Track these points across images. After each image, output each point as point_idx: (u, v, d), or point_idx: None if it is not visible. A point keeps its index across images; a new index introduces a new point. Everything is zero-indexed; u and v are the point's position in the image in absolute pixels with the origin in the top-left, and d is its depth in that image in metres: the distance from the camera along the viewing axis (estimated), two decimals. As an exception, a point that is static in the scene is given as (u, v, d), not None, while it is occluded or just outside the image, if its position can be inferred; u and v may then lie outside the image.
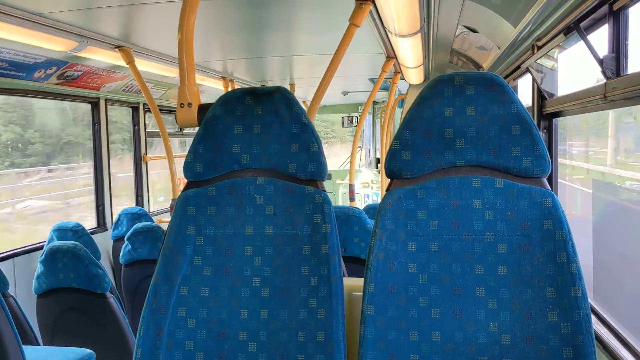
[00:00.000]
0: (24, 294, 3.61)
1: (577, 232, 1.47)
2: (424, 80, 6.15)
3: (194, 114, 1.86)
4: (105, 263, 4.74)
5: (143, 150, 5.51)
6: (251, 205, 1.63)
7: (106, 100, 4.78)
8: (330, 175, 9.32)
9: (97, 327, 3.00)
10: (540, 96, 3.00)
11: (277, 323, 1.54)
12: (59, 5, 2.78)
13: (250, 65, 5.30)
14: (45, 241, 4.00)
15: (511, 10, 2.76)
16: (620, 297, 2.48)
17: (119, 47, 3.75)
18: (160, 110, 4.42)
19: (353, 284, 1.87)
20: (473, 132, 1.50)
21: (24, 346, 2.25)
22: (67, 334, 3.06)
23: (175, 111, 1.90)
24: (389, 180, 1.58)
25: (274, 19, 3.40)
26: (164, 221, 5.55)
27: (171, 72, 4.73)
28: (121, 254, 3.90)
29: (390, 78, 5.77)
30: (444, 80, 1.53)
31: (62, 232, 3.92)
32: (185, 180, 1.70)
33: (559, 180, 3.15)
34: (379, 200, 2.15)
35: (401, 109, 8.26)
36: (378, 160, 9.25)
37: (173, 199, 4.65)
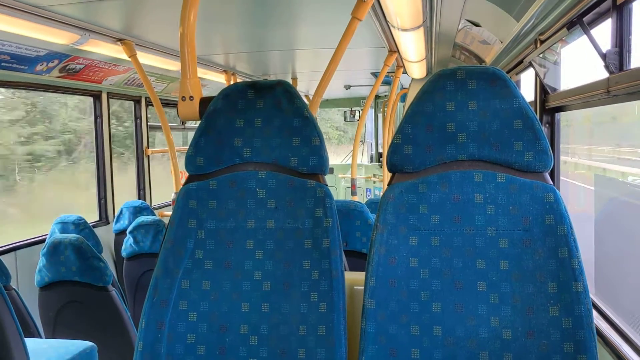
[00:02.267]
0: (26, 287, 3.62)
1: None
2: (427, 75, 6.14)
3: (196, 107, 1.85)
4: (107, 256, 4.76)
5: (145, 144, 5.52)
6: (252, 198, 1.63)
7: (108, 94, 4.78)
8: (332, 169, 9.32)
9: (99, 320, 3.01)
10: (543, 91, 2.99)
11: (278, 317, 1.54)
12: (60, -3, 2.78)
13: (252, 58, 5.29)
14: (47, 234, 4.01)
15: (514, 4, 2.74)
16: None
17: (121, 40, 3.75)
18: (162, 103, 4.42)
19: (354, 278, 1.87)
20: (475, 126, 1.49)
21: (26, 339, 2.26)
22: (69, 327, 3.07)
23: (177, 104, 1.89)
24: (390, 174, 1.57)
25: (276, 12, 3.39)
26: (166, 215, 5.56)
27: (173, 66, 4.73)
28: (123, 247, 3.90)
29: (393, 72, 5.75)
30: (446, 74, 1.52)
31: (64, 225, 3.93)
32: (187, 174, 1.70)
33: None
34: (381, 195, 2.15)
35: (403, 103, 8.24)
36: (380, 155, 9.25)
37: (175, 193, 4.67)
